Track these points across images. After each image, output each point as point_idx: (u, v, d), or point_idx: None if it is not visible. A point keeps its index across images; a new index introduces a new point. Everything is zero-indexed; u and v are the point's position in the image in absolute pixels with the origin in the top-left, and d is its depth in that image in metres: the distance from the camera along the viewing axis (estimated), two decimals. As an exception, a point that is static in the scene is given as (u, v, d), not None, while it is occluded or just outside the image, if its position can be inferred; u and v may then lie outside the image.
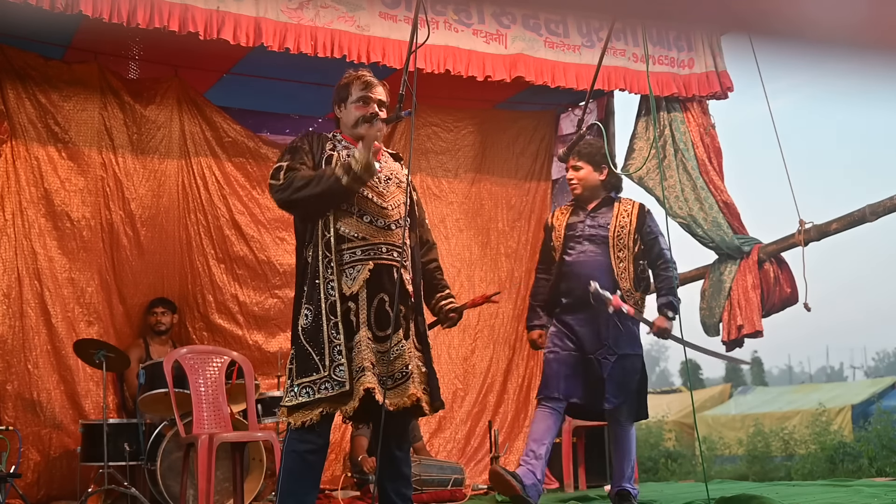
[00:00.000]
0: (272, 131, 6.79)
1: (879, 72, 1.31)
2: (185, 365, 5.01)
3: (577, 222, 4.54)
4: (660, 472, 12.84)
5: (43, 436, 5.64)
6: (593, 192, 4.56)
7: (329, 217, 3.25)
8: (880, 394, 15.45)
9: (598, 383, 4.33)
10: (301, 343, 3.23)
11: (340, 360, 3.16)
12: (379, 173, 3.35)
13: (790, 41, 1.28)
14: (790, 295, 6.39)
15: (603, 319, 4.35)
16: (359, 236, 3.27)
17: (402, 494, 3.36)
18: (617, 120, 7.25)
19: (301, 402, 3.17)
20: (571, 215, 4.59)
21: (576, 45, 6.12)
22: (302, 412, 3.18)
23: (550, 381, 4.41)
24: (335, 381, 3.15)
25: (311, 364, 3.18)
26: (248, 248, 6.31)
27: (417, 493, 5.47)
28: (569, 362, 4.40)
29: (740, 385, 24.20)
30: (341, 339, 3.18)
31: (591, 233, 4.49)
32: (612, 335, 4.35)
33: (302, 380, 3.18)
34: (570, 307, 4.46)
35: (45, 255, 5.75)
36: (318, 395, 3.16)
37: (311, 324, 3.21)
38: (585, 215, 4.54)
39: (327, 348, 3.17)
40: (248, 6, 5.12)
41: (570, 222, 4.55)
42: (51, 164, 5.82)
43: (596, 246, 4.46)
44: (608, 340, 4.35)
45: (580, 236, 4.50)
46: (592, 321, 4.38)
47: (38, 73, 5.79)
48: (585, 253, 4.46)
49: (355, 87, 3.42)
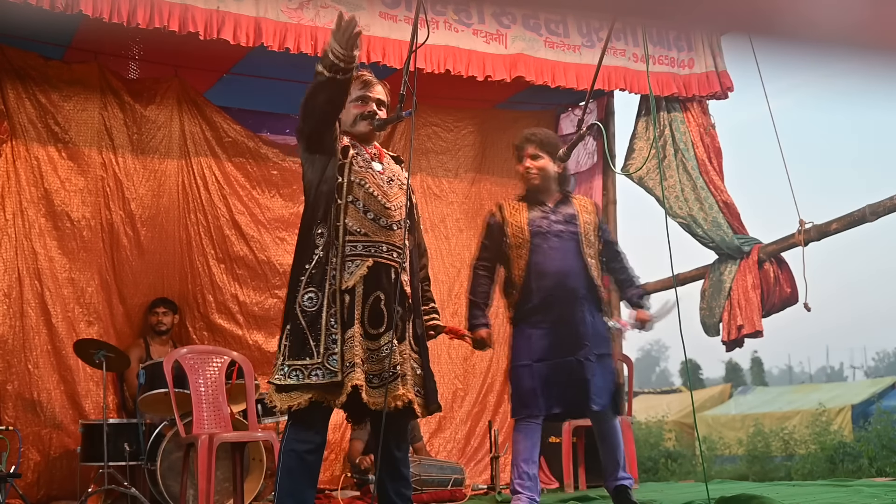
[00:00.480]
0: (272, 131, 6.79)
1: (879, 72, 1.31)
2: (185, 365, 5.01)
3: (541, 218, 4.24)
4: (660, 472, 12.83)
5: (43, 436, 5.64)
6: (549, 185, 4.32)
7: (340, 205, 3.24)
8: (880, 394, 15.44)
9: (581, 385, 4.11)
10: (299, 324, 3.18)
11: (335, 349, 3.14)
12: (381, 174, 3.37)
13: (790, 41, 1.28)
14: (790, 295, 6.39)
15: (579, 318, 4.15)
16: (361, 231, 3.27)
17: (401, 495, 3.36)
18: (617, 120, 7.26)
19: (289, 383, 3.13)
20: (530, 211, 4.27)
21: (576, 45, 6.13)
22: (288, 395, 3.14)
23: (528, 399, 4.12)
24: (327, 370, 3.12)
25: (307, 348, 3.15)
26: (248, 248, 6.32)
27: (417, 493, 5.47)
28: (543, 373, 4.11)
29: (740, 385, 24.20)
30: (338, 329, 3.16)
31: (559, 229, 4.23)
32: (590, 334, 4.16)
33: (294, 362, 3.15)
34: (540, 308, 4.16)
35: (46, 255, 5.76)
36: (307, 380, 3.12)
37: (314, 308, 3.18)
38: (550, 211, 4.27)
39: (324, 335, 3.15)
40: (248, 6, 5.13)
41: (532, 218, 4.24)
42: (51, 164, 5.82)
43: (564, 243, 4.21)
44: (587, 340, 4.14)
45: (547, 233, 4.21)
46: (568, 321, 4.14)
47: (38, 73, 5.80)
48: (556, 250, 4.18)
49: (354, 86, 3.43)
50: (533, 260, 4.19)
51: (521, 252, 4.21)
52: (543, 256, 4.19)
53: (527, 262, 4.19)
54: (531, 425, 4.16)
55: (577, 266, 4.19)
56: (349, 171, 3.28)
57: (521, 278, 4.20)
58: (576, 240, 4.23)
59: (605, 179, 7.12)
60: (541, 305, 4.16)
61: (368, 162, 3.37)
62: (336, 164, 3.28)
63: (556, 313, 4.15)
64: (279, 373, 3.18)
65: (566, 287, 4.16)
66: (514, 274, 4.24)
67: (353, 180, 3.28)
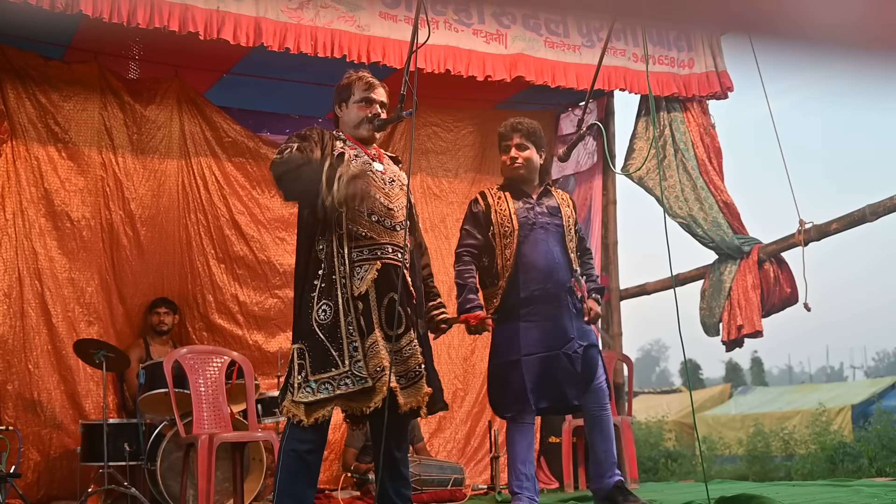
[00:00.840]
0: (272, 131, 6.79)
1: (879, 72, 1.31)
2: (185, 365, 5.01)
3: (527, 209, 4.17)
4: (660, 472, 12.83)
5: (43, 436, 5.64)
6: (533, 176, 4.26)
7: (341, 213, 3.23)
8: (880, 394, 15.44)
9: (570, 378, 4.05)
10: (318, 338, 3.16)
11: (358, 356, 3.14)
12: (383, 174, 3.38)
13: (790, 41, 1.28)
14: (790, 295, 6.39)
15: (567, 311, 4.09)
16: (367, 235, 3.28)
17: (401, 495, 3.37)
18: (617, 120, 7.26)
19: (320, 398, 3.12)
20: (514, 201, 4.20)
21: (576, 45, 6.13)
22: (317, 408, 3.14)
23: (520, 395, 4.04)
24: (357, 377, 3.12)
25: (330, 360, 3.14)
26: (248, 248, 6.31)
27: (417, 493, 5.47)
28: (533, 368, 4.03)
29: (740, 385, 24.20)
30: (357, 336, 3.16)
31: (544, 221, 4.16)
32: (576, 327, 4.11)
33: (320, 375, 3.13)
34: (527, 301, 4.07)
35: (46, 254, 5.76)
36: (338, 391, 3.12)
37: (329, 319, 3.17)
38: (534, 202, 4.21)
39: (346, 344, 3.15)
40: (248, 6, 5.12)
41: (517, 209, 4.17)
42: (51, 164, 5.82)
43: (549, 235, 4.14)
44: (574, 333, 4.08)
45: (533, 224, 4.15)
46: (556, 314, 4.07)
47: (38, 73, 5.80)
48: (542, 242, 4.13)
49: (357, 88, 3.43)
50: (520, 251, 4.10)
51: (508, 242, 4.12)
52: (531, 248, 4.12)
53: (514, 252, 4.10)
54: (524, 426, 4.14)
55: (562, 259, 4.16)
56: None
57: (508, 269, 4.10)
58: (560, 232, 4.19)
59: (605, 179, 7.12)
60: (529, 298, 4.08)
61: (369, 164, 3.37)
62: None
63: (543, 306, 4.08)
64: (306, 389, 3.14)
65: (554, 280, 4.10)
66: (498, 264, 4.13)
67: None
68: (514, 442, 4.14)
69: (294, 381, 3.19)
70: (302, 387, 3.16)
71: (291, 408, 3.18)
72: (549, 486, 6.50)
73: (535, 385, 4.05)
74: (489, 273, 4.19)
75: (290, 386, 3.21)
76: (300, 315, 3.26)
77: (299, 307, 3.28)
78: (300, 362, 3.18)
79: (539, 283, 4.09)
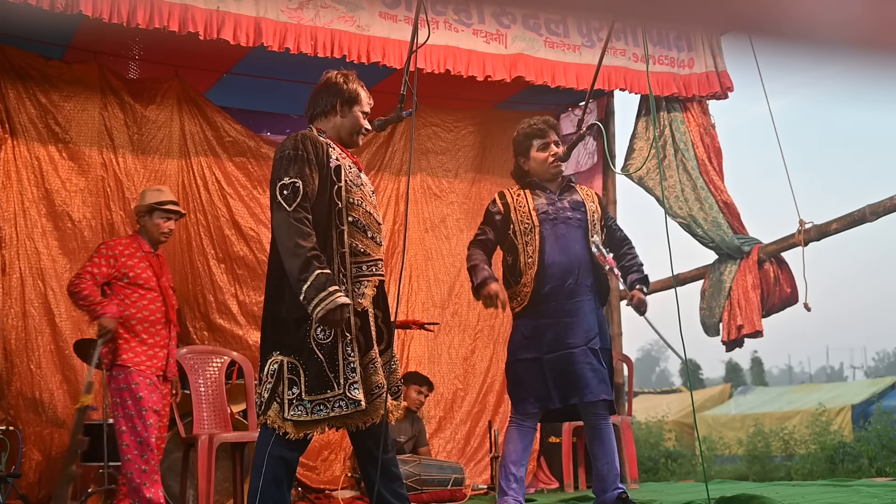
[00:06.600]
0: (272, 131, 6.80)
1: (879, 72, 1.31)
2: (185, 365, 5.01)
3: (547, 204, 4.16)
4: (660, 472, 12.83)
5: (45, 436, 5.64)
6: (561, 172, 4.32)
7: (343, 230, 3.19)
8: (880, 394, 15.44)
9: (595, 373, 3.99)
10: (316, 358, 3.09)
11: (354, 377, 3.10)
12: (367, 187, 3.37)
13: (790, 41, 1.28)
14: (790, 295, 6.39)
15: (588, 310, 4.06)
16: (364, 251, 3.26)
17: (397, 494, 3.35)
18: (617, 120, 7.26)
19: (314, 419, 3.08)
20: (535, 198, 4.18)
21: (576, 45, 6.13)
22: (308, 426, 3.11)
23: (528, 395, 4.04)
24: (350, 400, 3.08)
25: (325, 381, 3.08)
26: (248, 248, 6.31)
27: (417, 493, 5.48)
28: (544, 369, 4.00)
29: (740, 385, 24.18)
30: (355, 356, 3.13)
31: (567, 216, 4.14)
32: (595, 327, 4.07)
33: (315, 396, 3.08)
34: (548, 297, 4.04)
35: (49, 254, 5.76)
36: (332, 412, 3.08)
37: (328, 338, 3.11)
38: (556, 198, 4.19)
39: (342, 365, 3.10)
40: (248, 6, 5.13)
41: (538, 204, 4.15)
42: (51, 164, 5.82)
43: (572, 230, 4.12)
44: (592, 333, 4.03)
45: (555, 219, 4.12)
46: (577, 311, 4.04)
47: (38, 73, 5.80)
48: (564, 237, 4.10)
49: (364, 99, 3.41)
50: (543, 248, 4.08)
51: (530, 239, 4.10)
52: (553, 244, 4.10)
53: (536, 249, 4.08)
54: (524, 428, 4.12)
55: (585, 255, 4.11)
56: (346, 192, 3.22)
57: (533, 265, 4.07)
58: (583, 227, 4.15)
59: (605, 179, 7.12)
60: (551, 294, 4.05)
61: (358, 175, 3.34)
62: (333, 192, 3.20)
63: (565, 303, 4.05)
64: (299, 408, 3.08)
65: (576, 276, 4.08)
66: (521, 262, 4.11)
67: (351, 201, 3.23)
68: (510, 440, 4.13)
69: (285, 397, 3.09)
70: (294, 405, 3.08)
71: (278, 420, 3.10)
72: (549, 486, 6.51)
73: (541, 389, 4.03)
74: (514, 271, 4.17)
75: (277, 398, 3.10)
76: (290, 328, 3.15)
77: (288, 320, 3.17)
78: (291, 377, 3.10)
79: (561, 278, 4.06)
